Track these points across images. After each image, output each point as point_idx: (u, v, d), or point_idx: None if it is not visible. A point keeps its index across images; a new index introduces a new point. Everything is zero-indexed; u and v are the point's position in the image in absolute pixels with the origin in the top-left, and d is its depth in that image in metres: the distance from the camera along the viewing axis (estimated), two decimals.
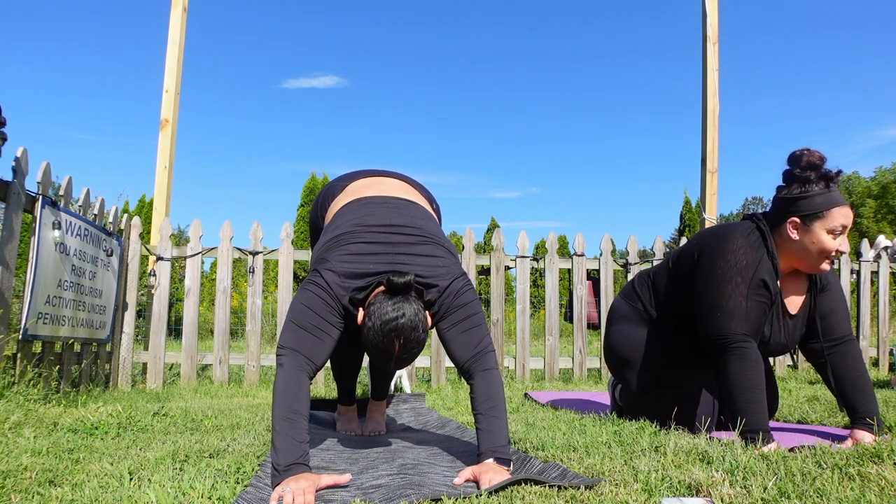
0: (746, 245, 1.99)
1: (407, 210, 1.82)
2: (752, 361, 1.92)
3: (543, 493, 1.29)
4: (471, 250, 4.47)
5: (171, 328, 5.07)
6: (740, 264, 1.97)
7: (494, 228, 9.83)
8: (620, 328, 2.35)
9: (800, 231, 1.98)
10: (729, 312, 1.96)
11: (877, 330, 5.20)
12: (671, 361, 2.22)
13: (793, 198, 1.97)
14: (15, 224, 2.79)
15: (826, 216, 1.94)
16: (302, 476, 1.36)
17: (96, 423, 2.21)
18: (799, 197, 1.96)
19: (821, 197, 1.94)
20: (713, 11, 5.06)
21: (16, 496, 1.30)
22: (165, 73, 4.67)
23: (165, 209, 4.56)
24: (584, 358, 4.61)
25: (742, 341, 1.94)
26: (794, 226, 1.98)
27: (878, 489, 1.28)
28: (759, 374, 1.92)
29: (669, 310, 2.25)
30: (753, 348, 1.94)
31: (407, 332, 1.55)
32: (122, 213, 4.07)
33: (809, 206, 1.95)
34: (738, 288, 1.96)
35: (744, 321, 1.95)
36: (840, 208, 1.93)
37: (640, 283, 2.36)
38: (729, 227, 2.08)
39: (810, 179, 1.95)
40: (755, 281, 1.97)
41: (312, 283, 1.63)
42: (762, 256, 1.99)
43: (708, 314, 2.01)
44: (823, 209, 1.94)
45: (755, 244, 2.00)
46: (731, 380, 1.93)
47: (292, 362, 1.54)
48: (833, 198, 1.94)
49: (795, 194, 1.97)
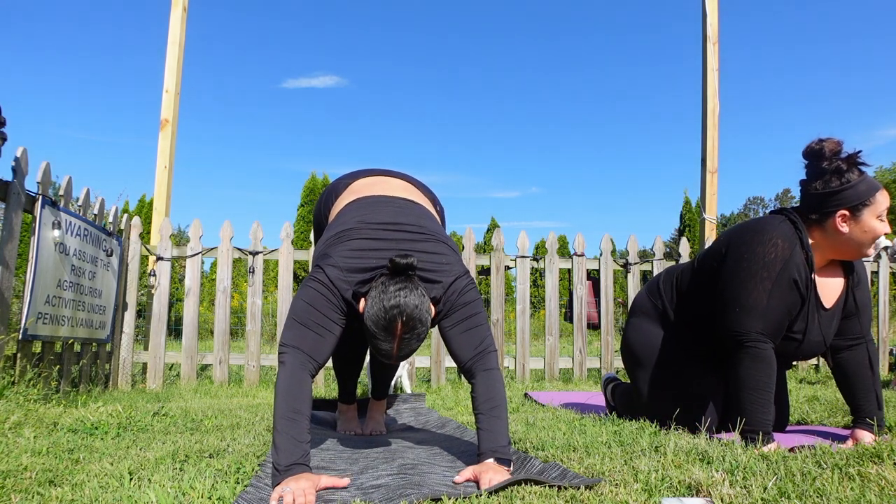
0: (778, 237, 1.93)
1: (410, 209, 1.82)
2: (765, 362, 1.89)
3: (543, 493, 1.29)
4: (471, 250, 4.47)
5: (171, 328, 5.07)
6: (768, 258, 1.91)
7: (494, 228, 9.83)
8: (638, 323, 2.34)
9: (849, 222, 1.93)
10: (748, 308, 1.91)
11: (877, 330, 5.21)
12: (680, 367, 2.20)
13: (835, 190, 1.91)
14: (15, 224, 2.79)
15: (873, 202, 1.91)
16: (302, 476, 1.36)
17: (96, 423, 2.21)
18: (842, 188, 1.91)
19: (863, 184, 1.91)
20: (713, 12, 5.06)
21: (16, 496, 1.30)
22: (165, 73, 4.67)
23: (165, 209, 4.56)
24: (585, 358, 4.61)
25: (758, 340, 1.90)
26: (844, 218, 1.93)
27: (878, 489, 1.28)
28: (770, 375, 1.89)
29: (689, 311, 2.21)
30: (768, 349, 1.91)
31: (409, 309, 1.51)
32: (122, 213, 4.07)
33: (856, 196, 1.90)
34: (763, 283, 1.91)
35: (762, 319, 1.90)
36: (882, 192, 1.92)
37: (665, 281, 2.32)
38: (760, 220, 2.02)
39: (843, 169, 1.91)
40: (783, 278, 1.91)
41: (314, 279, 1.62)
42: (794, 250, 1.92)
43: (728, 308, 1.96)
44: (869, 196, 1.90)
45: (789, 237, 1.93)
46: (740, 378, 1.90)
47: (294, 360, 1.53)
48: (873, 183, 1.92)
49: (836, 187, 1.91)
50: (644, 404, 2.30)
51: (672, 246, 14.09)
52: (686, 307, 2.21)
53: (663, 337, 2.24)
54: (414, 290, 1.54)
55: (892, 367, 5.08)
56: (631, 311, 2.43)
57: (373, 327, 1.54)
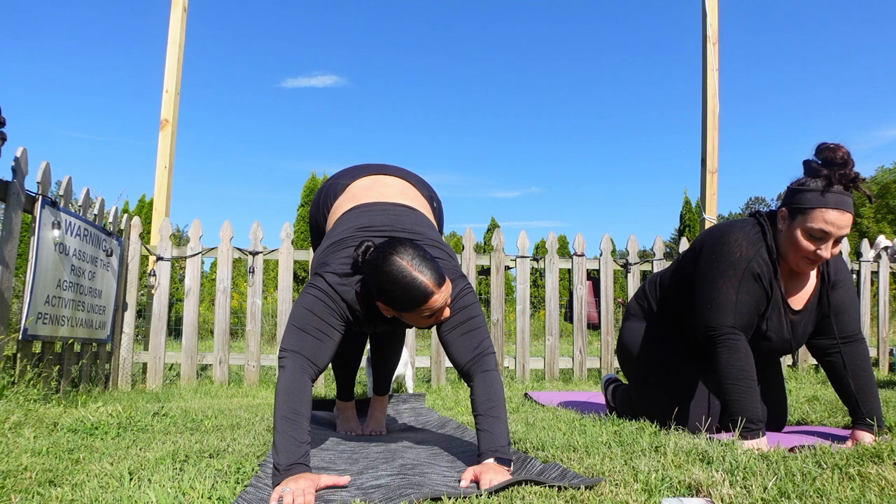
0: (742, 239, 1.97)
1: (407, 216, 1.86)
2: (741, 352, 1.93)
3: (543, 493, 1.29)
4: (471, 250, 4.47)
5: (171, 328, 5.07)
6: (733, 257, 1.96)
7: (494, 228, 9.83)
8: (629, 325, 2.39)
9: (785, 223, 1.93)
10: (719, 305, 1.96)
11: (877, 330, 5.20)
12: (668, 362, 2.23)
13: (791, 188, 1.92)
14: (15, 224, 2.79)
15: (809, 215, 1.84)
16: (302, 476, 1.36)
17: (96, 423, 2.21)
18: (795, 189, 1.90)
19: (812, 194, 1.84)
20: (713, 11, 5.06)
21: (16, 496, 1.30)
22: (165, 73, 4.67)
23: (165, 209, 4.56)
24: (584, 358, 4.61)
25: (730, 333, 1.94)
26: (783, 216, 1.94)
27: (878, 489, 1.28)
28: (749, 365, 1.92)
29: (670, 306, 2.26)
30: (742, 340, 1.95)
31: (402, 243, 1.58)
32: (122, 213, 4.07)
33: (799, 200, 1.87)
34: (730, 280, 1.95)
35: (733, 314, 1.94)
36: (826, 211, 1.82)
37: (651, 283, 2.39)
38: (728, 223, 2.07)
39: (820, 174, 1.85)
40: (746, 274, 1.94)
41: (313, 286, 1.65)
42: (758, 250, 1.95)
43: (701, 308, 2.01)
44: (809, 206, 1.84)
45: (753, 238, 1.97)
46: (721, 371, 1.95)
47: (294, 364, 1.55)
48: (825, 199, 1.82)
49: (797, 185, 1.90)
50: (638, 403, 2.33)
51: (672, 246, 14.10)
52: (669, 305, 2.27)
53: (651, 335, 2.30)
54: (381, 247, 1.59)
55: (892, 366, 5.08)
56: (624, 317, 2.47)
57: (393, 289, 1.55)
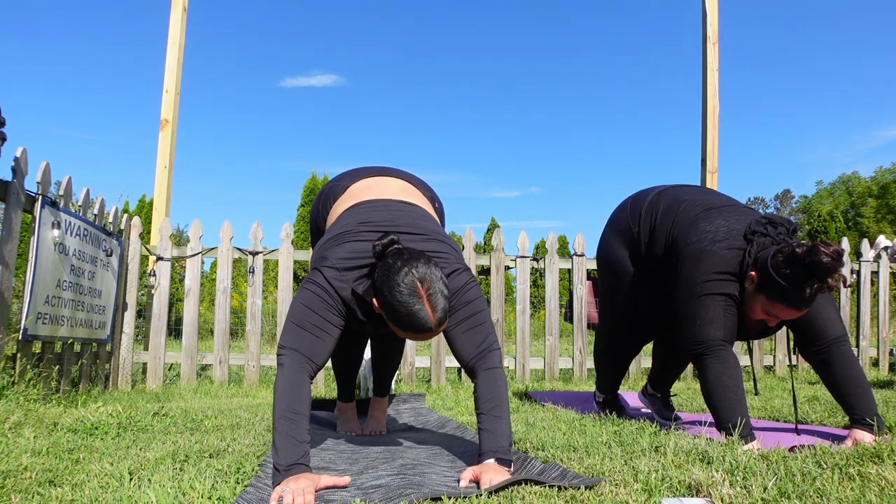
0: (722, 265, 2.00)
1: (407, 211, 1.83)
2: (732, 363, 1.97)
3: (543, 493, 1.29)
4: (471, 250, 4.47)
5: (171, 328, 5.07)
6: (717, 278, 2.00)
7: (494, 228, 9.83)
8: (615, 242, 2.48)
9: (752, 286, 1.95)
10: (708, 321, 2.00)
11: (877, 330, 5.20)
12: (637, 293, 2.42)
13: (768, 268, 1.88)
14: (14, 224, 2.79)
15: (772, 303, 1.90)
16: (302, 476, 1.36)
17: (96, 423, 2.21)
18: (770, 273, 1.87)
19: (782, 289, 1.85)
20: (713, 11, 5.06)
21: (16, 496, 1.30)
22: (165, 73, 4.67)
23: (165, 209, 4.56)
24: (585, 358, 4.61)
25: (721, 346, 1.99)
26: (751, 279, 1.95)
27: (878, 489, 1.28)
28: (738, 375, 1.98)
29: (653, 259, 2.34)
30: (731, 352, 2.00)
31: (417, 264, 1.52)
32: (122, 213, 4.07)
33: (769, 285, 1.88)
34: (716, 298, 2.00)
35: (722, 328, 2.00)
36: (787, 309, 1.88)
37: (648, 211, 2.35)
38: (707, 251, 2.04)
39: (796, 279, 1.83)
40: (728, 292, 2.00)
41: (311, 282, 1.63)
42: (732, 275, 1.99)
43: (688, 322, 2.04)
44: (774, 298, 1.88)
45: (730, 262, 1.99)
46: (710, 381, 1.97)
47: (293, 362, 1.54)
48: (791, 299, 1.85)
49: (772, 268, 1.87)
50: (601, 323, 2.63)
51: None
52: (653, 253, 2.33)
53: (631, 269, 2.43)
54: (408, 254, 1.54)
55: (892, 366, 5.08)
56: (610, 223, 2.54)
57: (398, 305, 1.50)
